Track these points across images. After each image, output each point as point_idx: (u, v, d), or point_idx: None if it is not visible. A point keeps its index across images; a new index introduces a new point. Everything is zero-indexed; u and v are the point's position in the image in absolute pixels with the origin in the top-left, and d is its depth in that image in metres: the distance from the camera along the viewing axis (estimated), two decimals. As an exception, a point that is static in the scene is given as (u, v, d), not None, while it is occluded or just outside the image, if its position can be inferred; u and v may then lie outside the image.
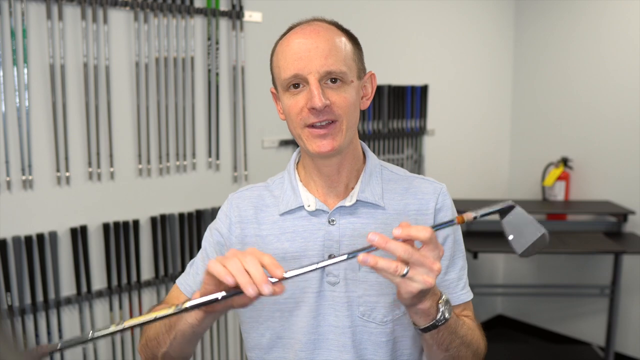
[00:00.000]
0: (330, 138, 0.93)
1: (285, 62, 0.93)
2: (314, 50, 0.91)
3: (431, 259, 0.76)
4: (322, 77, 0.91)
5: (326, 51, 0.91)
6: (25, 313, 1.82)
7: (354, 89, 0.95)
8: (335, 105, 0.92)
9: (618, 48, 3.09)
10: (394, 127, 2.89)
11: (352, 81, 0.94)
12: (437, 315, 0.83)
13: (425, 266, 0.76)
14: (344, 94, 0.93)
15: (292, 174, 1.04)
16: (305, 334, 0.99)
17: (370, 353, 0.98)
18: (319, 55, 0.90)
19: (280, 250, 1.00)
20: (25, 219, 1.80)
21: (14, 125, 1.76)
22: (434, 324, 0.83)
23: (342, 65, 0.92)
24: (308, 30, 0.93)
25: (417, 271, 0.76)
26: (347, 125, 0.94)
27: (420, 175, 1.07)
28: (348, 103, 0.93)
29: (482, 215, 0.81)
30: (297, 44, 0.92)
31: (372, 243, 0.75)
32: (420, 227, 0.76)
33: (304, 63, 0.91)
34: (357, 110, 0.97)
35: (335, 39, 0.93)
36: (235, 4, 2.21)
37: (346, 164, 1.00)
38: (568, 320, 3.43)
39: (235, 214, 1.05)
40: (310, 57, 0.90)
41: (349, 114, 0.94)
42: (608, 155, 3.17)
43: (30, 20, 1.75)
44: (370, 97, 1.01)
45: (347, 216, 0.99)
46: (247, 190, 1.09)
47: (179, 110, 2.11)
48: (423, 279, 0.76)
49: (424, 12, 3.02)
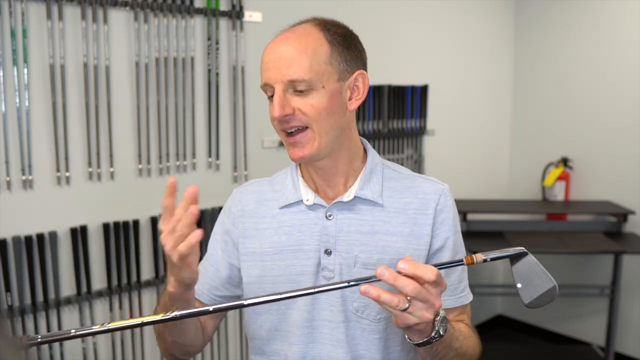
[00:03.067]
0: (300, 146, 0.95)
1: (261, 71, 0.96)
2: (277, 60, 0.92)
3: (434, 295, 0.77)
4: (287, 86, 0.92)
5: (288, 60, 0.91)
6: (25, 313, 1.82)
7: (327, 93, 0.93)
8: (301, 113, 0.93)
9: (618, 48, 3.09)
10: (394, 127, 2.89)
11: (322, 87, 0.92)
12: (431, 333, 0.82)
13: (427, 303, 0.76)
14: (310, 100, 0.92)
15: (294, 170, 1.06)
16: (300, 327, 1.00)
17: (363, 349, 0.99)
18: (282, 64, 0.92)
19: (278, 244, 1.02)
20: (25, 219, 1.80)
21: (14, 125, 1.76)
22: (428, 340, 0.83)
23: (306, 73, 0.91)
24: (280, 38, 0.94)
25: (418, 306, 0.76)
26: (320, 131, 0.94)
27: (424, 175, 1.07)
28: (316, 109, 0.92)
29: (492, 258, 0.80)
30: (267, 54, 0.95)
31: (382, 278, 0.75)
32: (427, 269, 0.75)
33: (271, 73, 0.93)
34: (333, 114, 0.95)
35: (304, 43, 0.92)
36: (235, 4, 2.21)
37: (340, 164, 1.01)
38: (568, 320, 3.43)
39: (237, 208, 1.08)
40: (276, 67, 0.92)
41: (319, 119, 0.93)
42: (608, 155, 3.17)
43: (30, 20, 1.75)
44: (361, 97, 0.99)
45: (345, 212, 1.00)
46: (250, 185, 1.11)
47: (179, 110, 2.11)
48: (422, 314, 0.77)
49: (424, 12, 3.02)
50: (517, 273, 0.81)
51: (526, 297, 0.81)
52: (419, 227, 0.99)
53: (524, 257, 0.81)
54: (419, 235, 0.99)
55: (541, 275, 0.80)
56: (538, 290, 0.80)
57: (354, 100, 0.99)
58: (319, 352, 1.00)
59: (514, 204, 3.34)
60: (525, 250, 0.81)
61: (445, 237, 1.00)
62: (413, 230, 0.99)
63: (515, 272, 0.82)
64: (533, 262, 0.81)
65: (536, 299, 0.81)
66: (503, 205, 3.29)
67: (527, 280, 0.81)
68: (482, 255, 0.79)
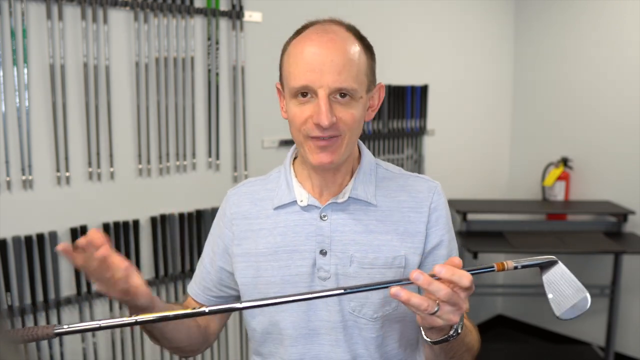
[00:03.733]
0: (330, 151, 0.93)
1: (296, 70, 0.90)
2: (328, 63, 0.88)
3: (463, 299, 0.77)
4: (332, 92, 0.89)
5: (340, 66, 0.88)
6: (25, 313, 1.82)
7: (362, 104, 0.93)
8: (341, 122, 0.91)
9: (618, 48, 3.09)
10: (394, 127, 2.89)
11: (361, 97, 0.92)
12: (450, 331, 0.83)
13: (456, 306, 0.76)
14: (351, 110, 0.91)
15: (288, 170, 1.06)
16: (296, 328, 1.00)
17: (362, 347, 1.00)
18: (333, 70, 0.88)
19: (273, 244, 1.01)
20: (25, 219, 1.80)
21: (14, 125, 1.76)
22: (446, 338, 0.83)
23: (354, 82, 0.90)
24: (324, 39, 0.90)
25: (446, 310, 0.76)
26: (349, 140, 0.94)
27: (415, 173, 1.07)
28: (354, 120, 0.92)
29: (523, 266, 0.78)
30: (310, 54, 0.89)
31: (416, 282, 0.75)
32: (463, 275, 0.75)
33: (316, 76, 0.88)
34: (361, 125, 0.96)
35: (350, 51, 0.90)
36: (235, 4, 2.21)
37: (342, 167, 1.01)
38: (568, 320, 3.42)
39: (232, 210, 1.08)
40: (323, 71, 0.88)
41: (353, 130, 0.93)
42: (608, 155, 3.17)
43: (30, 20, 1.75)
44: (375, 108, 1.00)
45: (339, 212, 1.00)
46: (244, 186, 1.11)
47: (179, 110, 2.11)
48: (449, 317, 0.77)
49: (424, 12, 3.02)
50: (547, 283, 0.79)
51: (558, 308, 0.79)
52: (413, 225, 1.00)
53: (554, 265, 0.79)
54: (414, 233, 1.00)
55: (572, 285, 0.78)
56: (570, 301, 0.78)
57: (370, 111, 0.99)
58: (317, 353, 1.00)
59: (514, 204, 3.34)
60: (555, 259, 0.79)
61: (440, 235, 1.01)
62: (407, 228, 1.00)
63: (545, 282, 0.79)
64: (564, 271, 0.78)
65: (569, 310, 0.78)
66: (503, 205, 3.29)
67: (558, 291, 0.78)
68: (513, 262, 0.77)
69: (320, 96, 0.89)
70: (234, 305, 0.81)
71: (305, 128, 0.92)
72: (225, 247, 1.07)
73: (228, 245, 1.06)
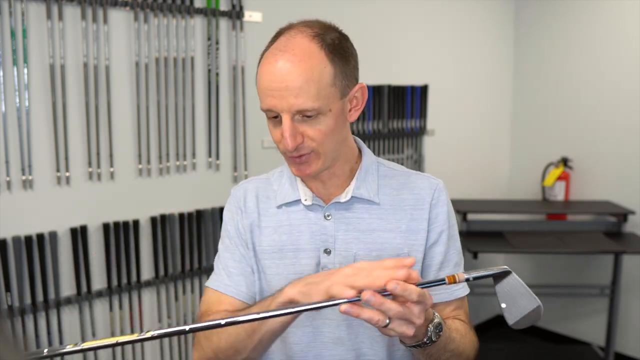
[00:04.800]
0: (306, 165, 0.95)
1: (260, 94, 0.93)
2: (283, 89, 0.88)
3: (416, 314, 0.77)
4: (295, 114, 0.90)
5: (296, 90, 0.87)
6: (25, 313, 1.82)
7: (333, 115, 0.92)
8: (309, 139, 0.92)
9: (618, 48, 3.09)
10: (394, 127, 2.88)
11: (330, 110, 0.91)
12: (423, 338, 0.83)
13: (408, 320, 0.77)
14: (319, 126, 0.91)
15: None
16: (301, 326, 1.00)
17: (367, 346, 1.00)
18: (289, 94, 0.88)
19: (278, 242, 1.02)
20: (25, 219, 1.80)
21: (14, 125, 1.76)
22: (419, 344, 0.83)
23: (315, 101, 0.88)
24: (282, 61, 0.88)
25: (398, 323, 0.77)
26: (325, 152, 0.94)
27: (418, 172, 1.08)
28: (323, 134, 0.92)
29: (474, 277, 0.79)
30: (268, 80, 0.89)
31: (368, 303, 0.75)
32: (412, 290, 0.75)
33: (276, 101, 0.89)
34: (337, 133, 0.94)
35: (309, 69, 0.88)
36: (235, 4, 2.21)
37: (338, 169, 1.01)
38: (568, 320, 3.43)
39: (239, 204, 1.07)
40: (281, 96, 0.88)
41: (325, 143, 0.93)
42: (608, 155, 3.17)
43: (30, 20, 1.75)
44: (360, 107, 0.99)
45: (343, 211, 1.01)
46: (249, 183, 1.10)
47: (179, 110, 2.11)
48: (402, 330, 0.77)
49: (424, 12, 3.02)
50: (501, 293, 0.81)
51: (511, 317, 0.80)
52: (415, 222, 1.00)
53: (507, 276, 0.80)
54: (416, 231, 1.00)
55: (526, 295, 0.79)
56: (522, 311, 0.79)
57: (353, 111, 0.98)
58: (321, 351, 1.00)
59: (514, 204, 3.34)
60: (508, 270, 0.80)
61: (439, 231, 1.01)
62: (410, 226, 1.00)
63: (499, 292, 0.81)
64: (517, 281, 0.80)
65: (521, 320, 0.80)
66: (503, 205, 3.29)
67: (512, 301, 0.80)
68: (465, 274, 0.79)
69: (283, 120, 0.90)
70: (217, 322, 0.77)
71: (281, 147, 0.95)
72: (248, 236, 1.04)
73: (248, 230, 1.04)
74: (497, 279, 0.81)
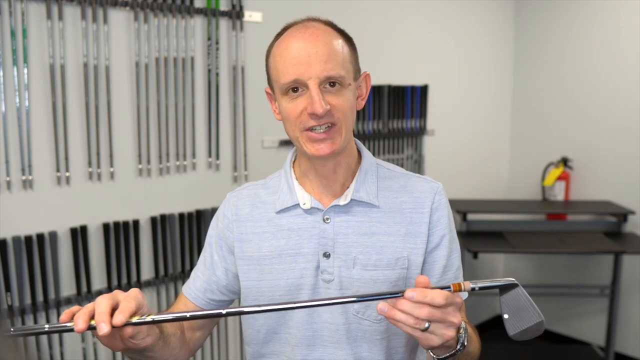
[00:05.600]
0: (329, 142, 0.94)
1: (284, 66, 0.92)
2: (313, 55, 0.90)
3: (452, 313, 0.77)
4: (322, 81, 0.91)
5: (325, 56, 0.91)
6: (25, 313, 1.82)
7: (352, 91, 0.95)
8: (335, 109, 0.92)
9: (618, 48, 3.09)
10: (394, 127, 2.89)
11: (349, 84, 0.94)
12: (457, 346, 0.83)
13: (446, 322, 0.77)
14: (342, 97, 0.93)
15: (289, 172, 1.06)
16: (300, 329, 1.00)
17: (366, 350, 0.99)
18: (319, 60, 0.90)
19: (276, 247, 1.01)
20: (25, 219, 1.80)
21: (14, 125, 1.76)
22: (454, 353, 0.83)
23: (341, 69, 0.92)
24: (307, 34, 0.92)
25: (437, 326, 0.77)
26: (346, 127, 0.95)
27: (417, 174, 1.08)
28: (347, 106, 0.94)
29: (480, 287, 0.79)
30: (296, 48, 0.91)
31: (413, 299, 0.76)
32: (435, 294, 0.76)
33: (304, 68, 0.90)
34: (354, 112, 0.97)
35: (333, 42, 0.93)
36: (235, 4, 2.21)
37: (342, 164, 1.01)
38: (568, 320, 3.43)
39: (232, 212, 1.07)
40: (310, 62, 0.90)
41: (348, 116, 0.94)
42: (608, 155, 3.17)
43: (30, 20, 1.75)
44: (364, 97, 1.01)
45: (342, 215, 1.00)
46: (245, 189, 1.10)
47: (179, 110, 2.11)
48: (442, 333, 0.77)
49: (424, 12, 3.02)
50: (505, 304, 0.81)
51: (512, 328, 0.81)
52: (415, 226, 1.00)
53: (513, 288, 0.80)
54: (416, 234, 1.00)
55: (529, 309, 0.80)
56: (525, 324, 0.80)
57: (360, 99, 1.01)
58: (321, 355, 1.00)
59: (514, 204, 3.34)
60: (515, 282, 0.80)
61: (441, 235, 1.01)
62: (409, 229, 1.00)
63: (503, 303, 0.81)
64: (522, 294, 0.80)
65: (522, 332, 0.80)
66: (503, 205, 3.29)
67: (515, 312, 0.80)
68: (471, 283, 0.79)
69: (311, 87, 0.91)
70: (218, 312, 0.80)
71: (301, 120, 0.93)
72: (229, 248, 1.06)
73: (231, 246, 1.06)
74: (503, 290, 0.81)
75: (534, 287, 3.44)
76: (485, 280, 0.80)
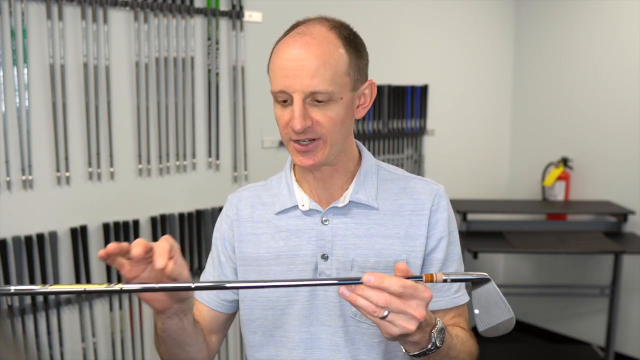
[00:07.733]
0: (311, 155, 0.93)
1: (274, 75, 0.92)
2: (300, 68, 0.88)
3: (414, 306, 0.75)
4: (307, 96, 0.89)
5: (313, 70, 0.88)
6: (25, 313, 1.82)
7: (344, 104, 0.92)
8: (319, 125, 0.91)
9: (618, 48, 3.09)
10: (394, 127, 2.89)
11: (341, 98, 0.91)
12: (427, 344, 0.81)
13: (406, 314, 0.75)
14: (329, 112, 0.91)
15: (288, 174, 1.05)
16: (298, 332, 1.00)
17: (364, 353, 0.99)
18: (305, 74, 0.88)
19: (275, 249, 1.01)
20: (25, 219, 1.80)
21: (14, 125, 1.76)
22: (424, 352, 0.82)
23: (329, 85, 0.89)
24: (300, 43, 0.90)
25: (398, 317, 0.75)
26: (332, 141, 0.93)
27: (418, 176, 1.06)
28: (333, 122, 0.91)
29: (452, 279, 0.79)
30: (285, 59, 0.90)
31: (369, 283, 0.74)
32: (392, 280, 0.74)
33: (290, 81, 0.89)
34: (345, 124, 0.95)
35: (326, 53, 0.89)
36: (235, 4, 2.21)
37: (339, 169, 1.00)
38: (568, 320, 3.43)
39: (233, 212, 1.07)
40: (296, 75, 0.88)
41: (334, 131, 0.92)
42: (608, 155, 3.17)
43: (30, 20, 1.75)
44: (367, 105, 0.99)
45: (340, 216, 1.00)
46: (245, 191, 1.10)
47: (179, 110, 2.11)
48: (402, 324, 0.75)
49: (424, 12, 3.02)
50: (476, 299, 0.80)
51: (482, 324, 0.80)
52: (414, 228, 0.99)
53: (485, 283, 0.80)
54: (415, 237, 0.99)
55: (500, 305, 0.79)
56: (494, 320, 0.79)
57: (360, 108, 0.98)
58: (319, 358, 0.99)
59: (514, 204, 3.34)
60: (487, 277, 0.80)
61: (438, 238, 1.00)
62: (408, 232, 0.99)
63: (474, 298, 0.81)
64: (494, 290, 0.80)
65: (491, 328, 0.80)
66: (503, 205, 3.29)
67: (485, 308, 0.80)
68: (443, 275, 0.78)
69: (295, 101, 0.89)
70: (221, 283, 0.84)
71: (287, 131, 0.93)
72: (232, 247, 1.07)
73: (234, 246, 1.06)
74: (476, 284, 0.80)
75: (534, 287, 3.44)
76: (458, 273, 0.80)
